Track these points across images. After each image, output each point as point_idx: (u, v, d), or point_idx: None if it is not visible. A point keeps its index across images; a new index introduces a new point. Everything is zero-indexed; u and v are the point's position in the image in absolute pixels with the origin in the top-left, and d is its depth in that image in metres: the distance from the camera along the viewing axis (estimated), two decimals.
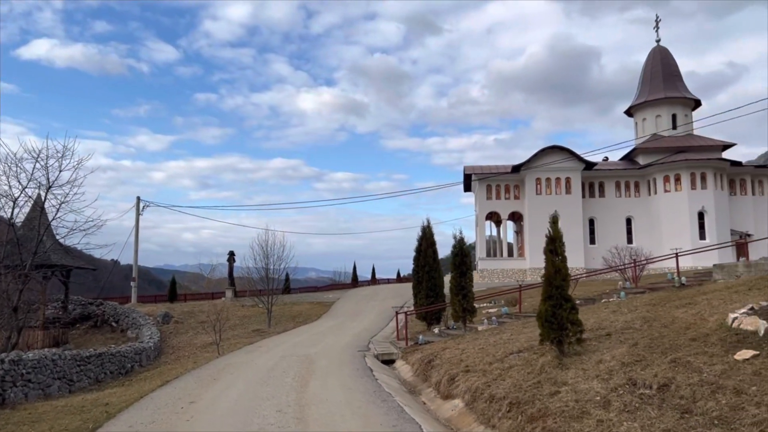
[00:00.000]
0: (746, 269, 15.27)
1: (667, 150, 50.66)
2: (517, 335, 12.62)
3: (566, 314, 8.86)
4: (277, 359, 15.62)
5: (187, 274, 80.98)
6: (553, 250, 9.30)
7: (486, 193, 51.86)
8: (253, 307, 36.57)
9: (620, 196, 51.48)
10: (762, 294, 10.39)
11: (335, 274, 63.78)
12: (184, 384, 12.52)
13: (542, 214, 49.45)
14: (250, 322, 33.53)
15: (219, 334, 22.87)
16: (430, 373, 11.78)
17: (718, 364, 6.78)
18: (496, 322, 16.53)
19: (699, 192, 47.68)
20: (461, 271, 15.63)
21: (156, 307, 37.74)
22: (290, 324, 31.44)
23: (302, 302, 40.94)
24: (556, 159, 49.28)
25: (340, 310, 36.14)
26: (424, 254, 21.24)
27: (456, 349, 12.87)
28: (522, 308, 20.30)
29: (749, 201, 50.23)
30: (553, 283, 9.09)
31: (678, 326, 9.37)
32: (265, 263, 32.16)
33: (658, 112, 53.87)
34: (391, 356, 16.42)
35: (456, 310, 15.53)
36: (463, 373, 10.21)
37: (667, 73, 54.78)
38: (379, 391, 10.42)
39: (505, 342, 12.02)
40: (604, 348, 9.00)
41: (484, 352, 11.40)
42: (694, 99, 54.42)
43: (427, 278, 20.94)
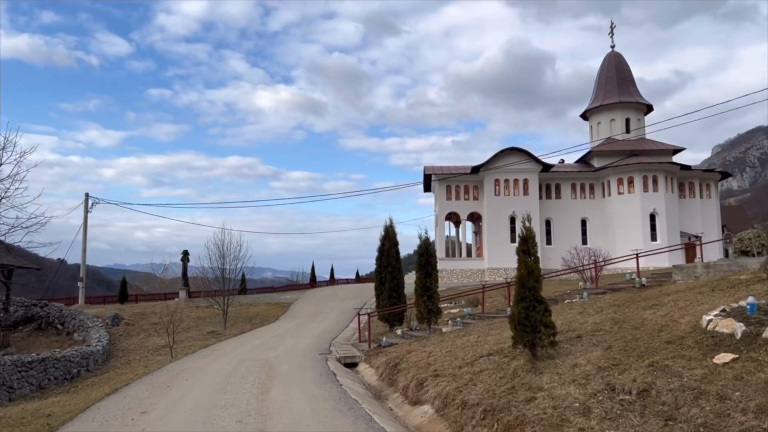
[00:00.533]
0: (705, 270, 15.49)
1: (620, 153, 51.92)
2: (484, 337, 12.38)
3: (539, 316, 8.62)
4: (235, 364, 14.96)
5: (139, 274, 78.36)
6: (525, 251, 9.06)
7: (446, 193, 52.00)
8: (208, 308, 35.49)
9: (576, 198, 52.46)
10: (726, 295, 10.43)
11: (293, 275, 62.96)
12: (135, 392, 11.76)
13: (501, 214, 50.07)
14: (205, 323, 32.48)
15: (172, 337, 21.94)
16: (396, 378, 11.40)
17: (697, 369, 6.63)
18: (461, 324, 16.30)
19: (651, 194, 48.99)
20: (426, 272, 15.33)
21: (105, 309, 36.20)
22: (247, 326, 30.58)
23: (259, 303, 40.01)
24: (514, 161, 49.84)
25: (299, 311, 35.44)
26: (386, 254, 20.90)
27: (422, 352, 12.54)
28: (485, 309, 20.17)
29: (697, 204, 51.93)
30: (525, 284, 8.85)
31: (649, 328, 9.27)
32: (222, 263, 31.18)
33: (612, 116, 55.15)
34: (353, 359, 15.98)
35: (421, 311, 15.21)
36: (432, 378, 9.87)
37: (621, 78, 56.17)
38: (345, 398, 9.97)
39: (473, 344, 11.75)
40: (577, 351, 8.81)
41: (453, 356, 11.09)
42: (646, 104, 55.95)
43: (390, 279, 20.61)
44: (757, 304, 7.71)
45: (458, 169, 53.06)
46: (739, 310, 8.04)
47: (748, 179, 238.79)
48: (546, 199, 51.85)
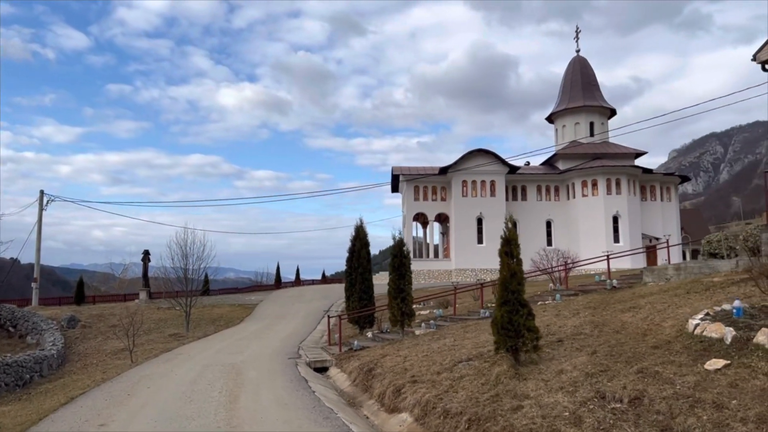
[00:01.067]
0: (676, 272, 15.56)
1: (584, 156, 52.73)
2: (460, 341, 12.09)
3: (523, 320, 8.36)
4: (199, 369, 14.31)
5: (97, 274, 75.86)
6: (508, 253, 8.79)
7: (414, 194, 51.86)
8: (169, 309, 34.39)
9: (541, 200, 53.02)
10: (702, 298, 10.38)
11: (257, 275, 61.80)
12: (93, 401, 11.05)
13: (468, 215, 50.21)
14: (167, 325, 31.43)
15: (132, 340, 21.03)
16: (371, 384, 11.00)
17: (689, 375, 6.44)
18: (434, 326, 16.00)
19: (614, 197, 49.84)
20: (400, 273, 14.99)
21: (61, 310, 34.69)
22: (211, 328, 29.71)
23: (223, 304, 39.02)
24: (481, 162, 50.05)
25: (264, 312, 34.66)
26: (357, 255, 20.48)
27: (397, 357, 12.17)
28: (456, 311, 19.96)
29: (658, 207, 53.10)
30: (508, 287, 8.57)
31: (632, 332, 9.12)
32: (184, 263, 30.20)
33: (577, 120, 55.97)
34: (324, 363, 15.51)
35: (394, 314, 14.86)
36: (410, 384, 9.51)
37: (586, 83, 57.06)
38: (319, 407, 9.52)
39: (449, 348, 11.45)
40: (560, 356, 8.57)
41: (430, 360, 10.76)
42: (610, 108, 56.96)
43: (360, 280, 20.20)
44: (742, 307, 7.59)
45: (426, 169, 53.02)
46: (724, 314, 7.92)
47: (702, 183, 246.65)
48: (512, 200, 52.27)
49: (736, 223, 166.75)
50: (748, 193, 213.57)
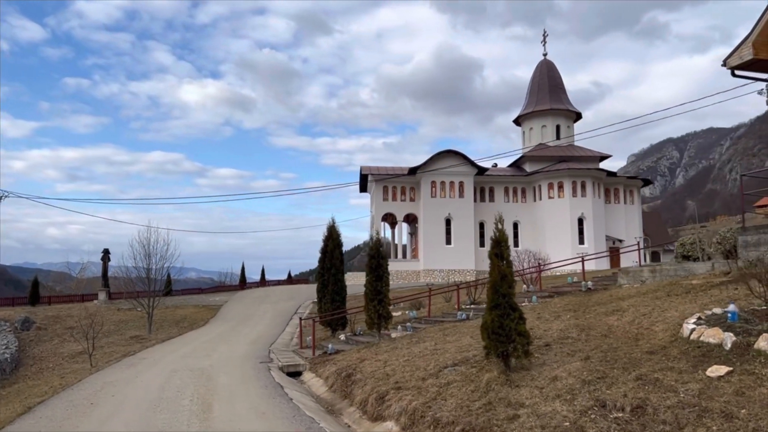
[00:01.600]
0: (651, 274, 15.61)
1: (551, 159, 53.33)
2: (442, 344, 11.78)
3: (514, 325, 8.08)
4: (167, 375, 13.63)
5: (52, 273, 73.10)
6: (498, 254, 8.50)
7: (382, 194, 51.56)
8: (130, 310, 33.25)
9: (508, 201, 53.40)
10: (685, 301, 10.32)
11: (221, 275, 60.52)
12: (53, 411, 10.31)
13: (437, 216, 50.17)
14: (128, 327, 30.33)
15: (92, 342, 20.07)
16: (351, 390, 10.58)
17: (691, 383, 6.25)
18: (411, 329, 15.68)
19: (579, 199, 50.52)
20: (377, 275, 14.61)
21: (14, 311, 33.11)
22: (174, 330, 28.77)
23: (186, 305, 37.99)
24: (450, 163, 50.09)
25: (230, 314, 33.82)
26: (330, 255, 20.01)
27: (377, 361, 11.78)
28: (431, 312, 19.70)
29: (621, 209, 54.09)
30: (499, 290, 8.28)
31: (620, 336, 8.96)
32: (147, 262, 29.17)
33: (544, 123, 56.60)
34: (297, 368, 15.01)
35: (371, 316, 14.47)
36: (394, 391, 9.13)
37: (553, 86, 57.77)
38: (299, 415, 9.06)
39: (432, 353, 11.12)
40: (551, 362, 8.33)
41: (413, 365, 10.40)
42: (575, 112, 57.80)
43: (333, 281, 19.74)
44: (737, 312, 7.47)
45: (395, 170, 52.80)
46: (717, 318, 7.80)
47: (659, 187, 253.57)
48: (480, 201, 52.48)
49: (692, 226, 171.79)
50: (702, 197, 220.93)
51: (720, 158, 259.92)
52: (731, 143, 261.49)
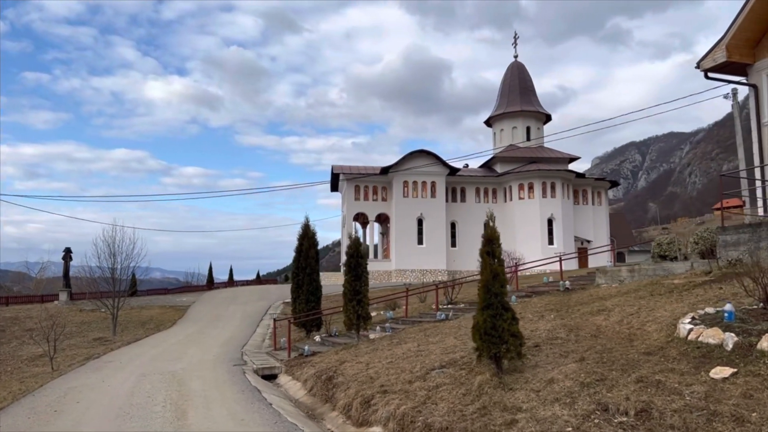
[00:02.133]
0: (629, 274, 15.61)
1: (521, 160, 53.70)
2: (425, 346, 11.47)
3: (507, 325, 7.81)
4: (135, 379, 12.96)
5: (10, 273, 70.35)
6: (490, 252, 8.23)
7: (354, 193, 51.11)
8: (93, 311, 32.09)
9: (480, 202, 53.58)
10: (670, 300, 10.24)
11: (188, 275, 59.13)
12: (14, 419, 9.61)
13: (409, 216, 49.98)
14: (91, 329, 29.22)
15: (53, 345, 19.15)
16: (333, 394, 10.18)
17: (696, 385, 6.06)
18: (390, 330, 15.33)
19: (549, 200, 50.98)
20: (356, 275, 14.22)
21: None
22: (140, 332, 27.81)
23: (152, 306, 36.89)
24: (423, 163, 49.97)
25: (198, 315, 32.91)
26: (305, 255, 19.53)
27: (358, 363, 11.40)
28: (408, 313, 19.40)
29: (590, 210, 54.83)
30: (491, 289, 8.01)
31: (611, 336, 8.79)
32: (112, 262, 28.12)
33: (514, 124, 56.96)
34: (272, 370, 14.50)
35: (350, 317, 14.07)
36: (380, 395, 8.77)
37: (524, 88, 58.20)
38: (281, 421, 8.61)
39: (416, 354, 10.79)
40: (544, 363, 8.09)
41: (397, 368, 10.06)
42: (545, 113, 58.34)
43: (308, 281, 19.27)
44: (734, 312, 7.35)
45: (367, 169, 52.44)
46: (712, 318, 7.68)
47: (621, 190, 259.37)
48: (452, 201, 52.52)
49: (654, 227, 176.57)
50: (663, 199, 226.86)
51: (680, 162, 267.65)
52: (691, 147, 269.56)
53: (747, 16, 18.04)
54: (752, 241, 12.57)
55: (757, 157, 18.41)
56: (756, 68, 18.56)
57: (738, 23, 18.11)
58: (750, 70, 18.73)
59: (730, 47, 18.37)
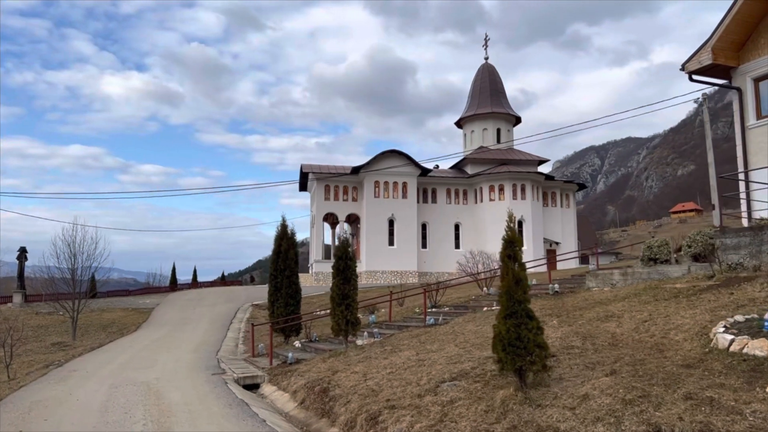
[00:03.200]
0: (622, 277, 15.30)
1: (492, 161, 53.73)
2: (425, 354, 10.80)
3: (532, 336, 7.22)
4: (107, 391, 11.89)
5: None
6: (511, 256, 7.63)
7: (324, 193, 50.19)
8: (51, 314, 30.41)
9: (450, 203, 53.36)
10: (682, 306, 9.85)
11: (149, 276, 57.01)
12: None
13: (380, 217, 49.33)
14: (48, 333, 27.62)
15: (10, 352, 17.77)
16: (331, 407, 9.41)
17: (754, 403, 5.56)
18: (378, 335, 14.63)
19: (519, 202, 51.08)
20: (345, 277, 13.46)
21: None
22: (102, 336, 26.38)
23: (114, 308, 35.27)
24: (394, 164, 49.43)
25: (163, 318, 31.53)
26: (284, 256, 18.65)
27: (353, 373, 10.65)
28: (392, 317, 18.73)
29: (558, 212, 55.23)
30: (514, 296, 7.40)
31: (631, 345, 8.29)
32: (72, 262, 26.59)
33: (485, 126, 56.97)
34: (254, 380, 13.60)
35: (338, 322, 13.30)
36: (388, 410, 8.06)
37: (494, 90, 58.29)
38: None
39: (417, 364, 10.11)
40: (570, 376, 7.53)
41: (401, 379, 9.36)
42: (515, 116, 58.56)
43: (287, 284, 18.40)
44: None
45: (338, 168, 51.60)
46: (747, 326, 7.25)
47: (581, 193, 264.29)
48: (423, 202, 52.13)
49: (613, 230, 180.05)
50: (621, 202, 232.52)
51: (638, 166, 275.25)
52: (648, 152, 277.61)
53: (734, 18, 17.99)
54: (754, 245, 12.36)
55: (741, 161, 18.44)
56: (740, 71, 18.56)
57: (724, 25, 18.05)
58: (734, 74, 18.72)
59: (716, 50, 18.31)
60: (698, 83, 19.81)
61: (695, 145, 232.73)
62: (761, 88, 18.27)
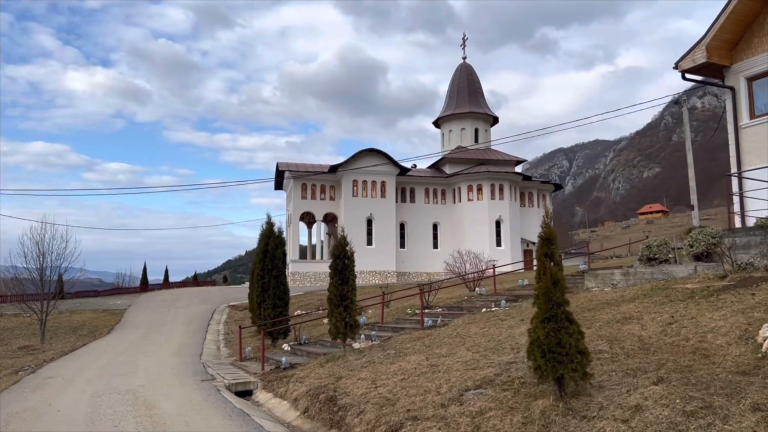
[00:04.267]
0: (624, 278, 14.97)
1: (470, 161, 53.56)
2: (436, 359, 10.21)
3: (574, 341, 6.70)
4: (90, 400, 10.96)
5: None
6: (548, 254, 7.11)
7: (301, 191, 49.25)
8: (16, 316, 28.91)
9: (429, 203, 53.00)
10: (702, 307, 9.50)
11: (118, 276, 55.12)
12: None
13: (358, 216, 48.61)
14: (14, 336, 26.21)
15: None
16: (342, 418, 8.74)
17: None
18: (376, 338, 14.00)
19: (497, 202, 51.01)
20: (343, 278, 12.78)
21: None
22: (72, 339, 25.13)
23: (83, 310, 33.81)
24: (373, 162, 48.80)
25: (137, 319, 30.30)
26: (271, 256, 17.86)
27: (360, 380, 10.00)
28: (384, 318, 18.11)
29: (535, 213, 55.35)
30: (552, 298, 6.88)
31: (665, 349, 7.85)
32: (41, 262, 25.24)
33: (463, 125, 56.79)
34: (247, 386, 12.82)
35: (337, 325, 12.61)
36: (411, 422, 7.45)
37: (472, 89, 58.15)
38: None
39: (431, 370, 9.51)
40: (611, 384, 7.02)
41: (417, 387, 8.75)
42: (493, 116, 58.53)
43: (275, 284, 17.63)
44: None
45: (315, 167, 50.74)
46: None
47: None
48: (401, 202, 51.63)
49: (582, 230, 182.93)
50: (588, 203, 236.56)
51: (605, 168, 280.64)
52: (614, 155, 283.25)
53: (728, 17, 17.90)
54: (765, 244, 12.14)
55: (734, 160, 18.36)
56: (733, 70, 18.49)
57: (719, 24, 17.95)
58: (727, 73, 18.66)
59: (710, 48, 18.20)
60: (691, 82, 19.78)
61: (660, 148, 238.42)
62: (754, 87, 18.23)
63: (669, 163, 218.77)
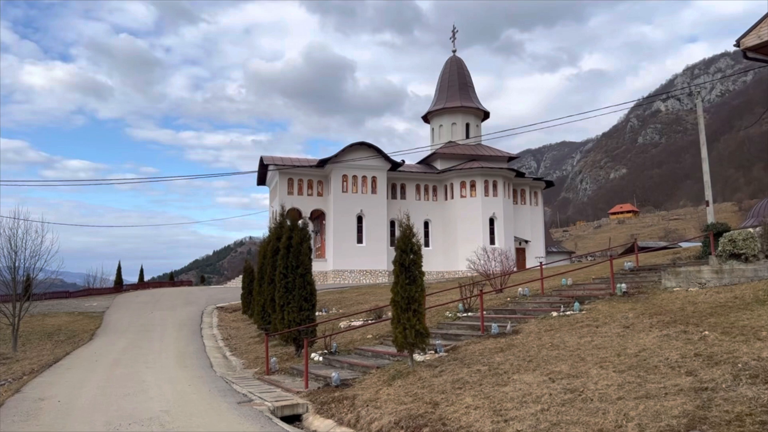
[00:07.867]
0: (716, 276, 13.15)
1: (462, 157, 51.79)
2: (566, 380, 8.03)
3: None
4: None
5: None
6: None
7: (287, 187, 46.59)
8: None
9: (420, 199, 51.03)
10: None
11: (89, 278, 51.26)
12: None
13: (348, 213, 46.19)
14: None
15: None
16: None
17: None
18: (441, 349, 11.78)
19: (491, 199, 49.31)
20: (410, 277, 10.53)
21: None
22: (48, 345, 22.22)
23: (57, 313, 30.68)
24: (363, 156, 46.52)
25: (120, 323, 27.36)
26: (296, 251, 15.46)
27: (470, 407, 7.74)
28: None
29: (527, 210, 53.95)
30: None
31: None
32: (13, 260, 22.24)
33: (454, 120, 55.01)
34: (294, 410, 10.45)
35: (406, 334, 10.35)
36: None
37: (462, 83, 56.40)
38: None
39: (574, 395, 7.34)
40: None
41: (577, 423, 6.57)
42: (484, 111, 56.90)
43: (300, 283, 15.25)
44: None
45: (302, 161, 48.20)
46: None
47: None
48: (392, 198, 49.48)
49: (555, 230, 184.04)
50: (557, 204, 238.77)
51: (572, 170, 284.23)
52: (581, 156, 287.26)
53: None
54: None
55: None
56: None
57: None
58: None
59: None
60: (754, 60, 18.17)
61: (626, 150, 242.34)
62: None
63: (635, 165, 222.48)
